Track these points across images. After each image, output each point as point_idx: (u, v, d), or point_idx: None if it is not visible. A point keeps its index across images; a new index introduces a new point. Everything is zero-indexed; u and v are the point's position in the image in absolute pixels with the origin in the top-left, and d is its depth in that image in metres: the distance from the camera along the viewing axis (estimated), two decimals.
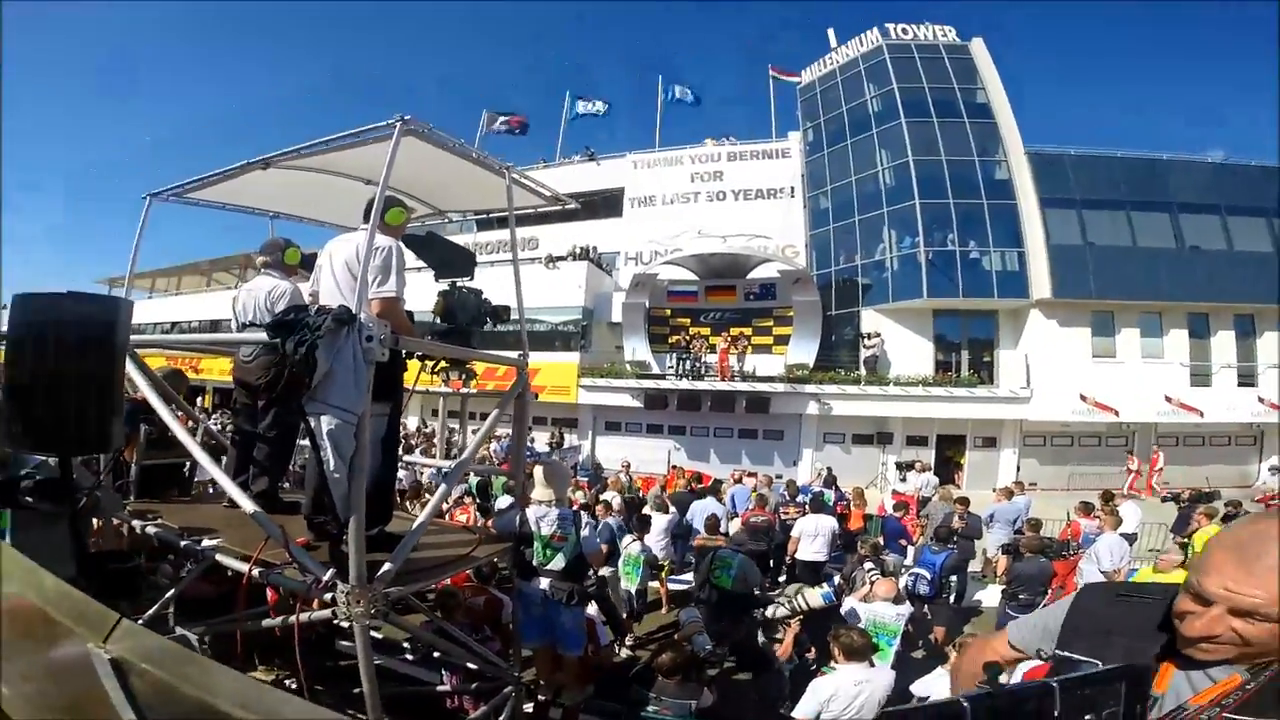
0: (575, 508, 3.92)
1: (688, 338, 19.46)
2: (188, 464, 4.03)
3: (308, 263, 3.35)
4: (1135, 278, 17.25)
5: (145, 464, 3.77)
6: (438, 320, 3.39)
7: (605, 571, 5.94)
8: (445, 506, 7.59)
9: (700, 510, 8.46)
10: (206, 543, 2.83)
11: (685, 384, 18.41)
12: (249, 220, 4.26)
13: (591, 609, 4.46)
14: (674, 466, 14.81)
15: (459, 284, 3.42)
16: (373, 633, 3.97)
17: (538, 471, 3.70)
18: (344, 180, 3.46)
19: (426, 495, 7.92)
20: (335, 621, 2.55)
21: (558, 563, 3.52)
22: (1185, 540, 8.62)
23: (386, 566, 2.51)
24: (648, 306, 20.51)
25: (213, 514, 3.34)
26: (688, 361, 18.79)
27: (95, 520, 3.25)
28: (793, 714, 3.47)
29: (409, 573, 2.82)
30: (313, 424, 2.25)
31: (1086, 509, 8.58)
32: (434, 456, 8.16)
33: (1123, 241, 17.75)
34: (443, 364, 3.58)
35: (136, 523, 3.12)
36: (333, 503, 2.36)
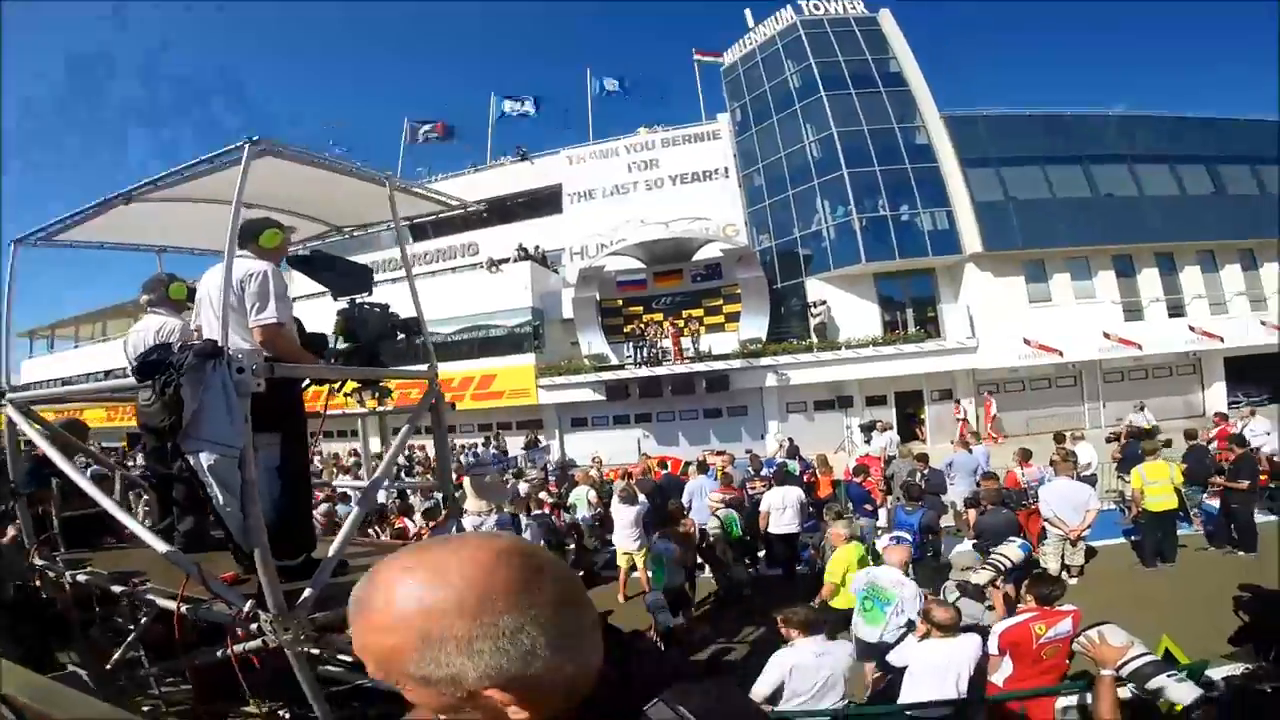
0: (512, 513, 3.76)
1: (641, 325, 19.62)
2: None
3: (195, 296, 3.16)
4: (1059, 226, 18.17)
5: (66, 516, 3.63)
6: (339, 340, 3.25)
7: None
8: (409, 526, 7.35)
9: (697, 489, 8.54)
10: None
11: (644, 371, 18.49)
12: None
13: None
14: (644, 455, 14.73)
15: (359, 300, 3.30)
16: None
17: (466, 483, 3.58)
18: (226, 206, 3.26)
19: (399, 518, 7.74)
20: (269, 648, 2.44)
21: None
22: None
23: (307, 592, 2.47)
24: (598, 299, 20.55)
25: (147, 557, 3.18)
26: (644, 349, 18.88)
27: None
28: (754, 688, 3.42)
29: (338, 596, 2.71)
30: (192, 461, 2.09)
31: (1024, 455, 8.66)
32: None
33: (1042, 194, 18.77)
34: (351, 384, 3.43)
35: (69, 573, 3.09)
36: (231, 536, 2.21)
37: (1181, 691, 2.22)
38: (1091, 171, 19.00)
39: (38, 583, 3.55)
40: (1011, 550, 4.91)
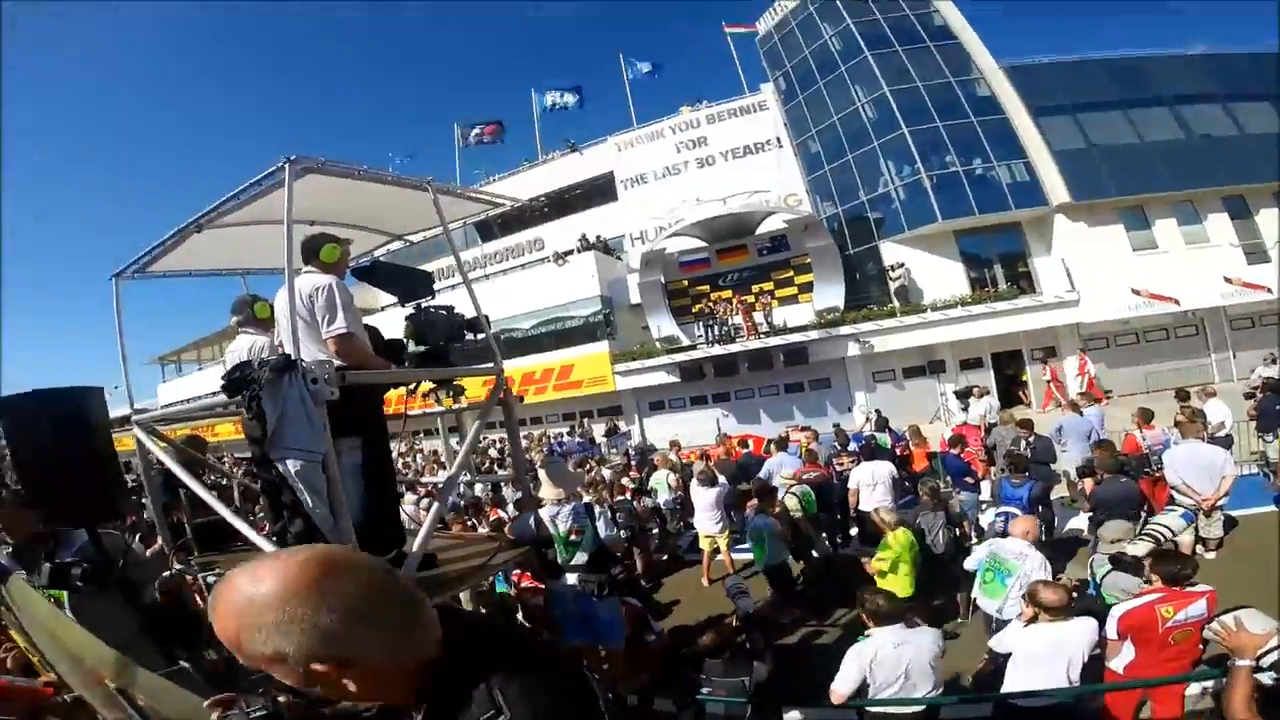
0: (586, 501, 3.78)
1: (710, 304, 19.41)
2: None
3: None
4: (1155, 170, 16.70)
5: (196, 523, 3.88)
6: (411, 345, 3.36)
7: None
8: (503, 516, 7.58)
9: (776, 467, 8.27)
10: None
11: (717, 350, 18.32)
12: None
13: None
14: (724, 435, 14.57)
15: (424, 305, 3.40)
16: None
17: (542, 474, 3.61)
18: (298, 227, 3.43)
19: (493, 510, 7.96)
20: None
21: (580, 558, 3.43)
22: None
23: None
24: (664, 282, 20.54)
25: None
26: (714, 328, 18.70)
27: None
28: (833, 686, 3.23)
29: (429, 589, 2.82)
30: (280, 469, 2.19)
31: (1145, 416, 7.62)
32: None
33: (1128, 139, 17.33)
34: (427, 386, 3.54)
35: (200, 575, 3.42)
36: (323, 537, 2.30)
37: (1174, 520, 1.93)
38: (1181, 113, 17.35)
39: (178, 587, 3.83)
40: (1173, 520, 4.46)
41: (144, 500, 5.23)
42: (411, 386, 3.42)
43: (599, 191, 23.44)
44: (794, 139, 21.19)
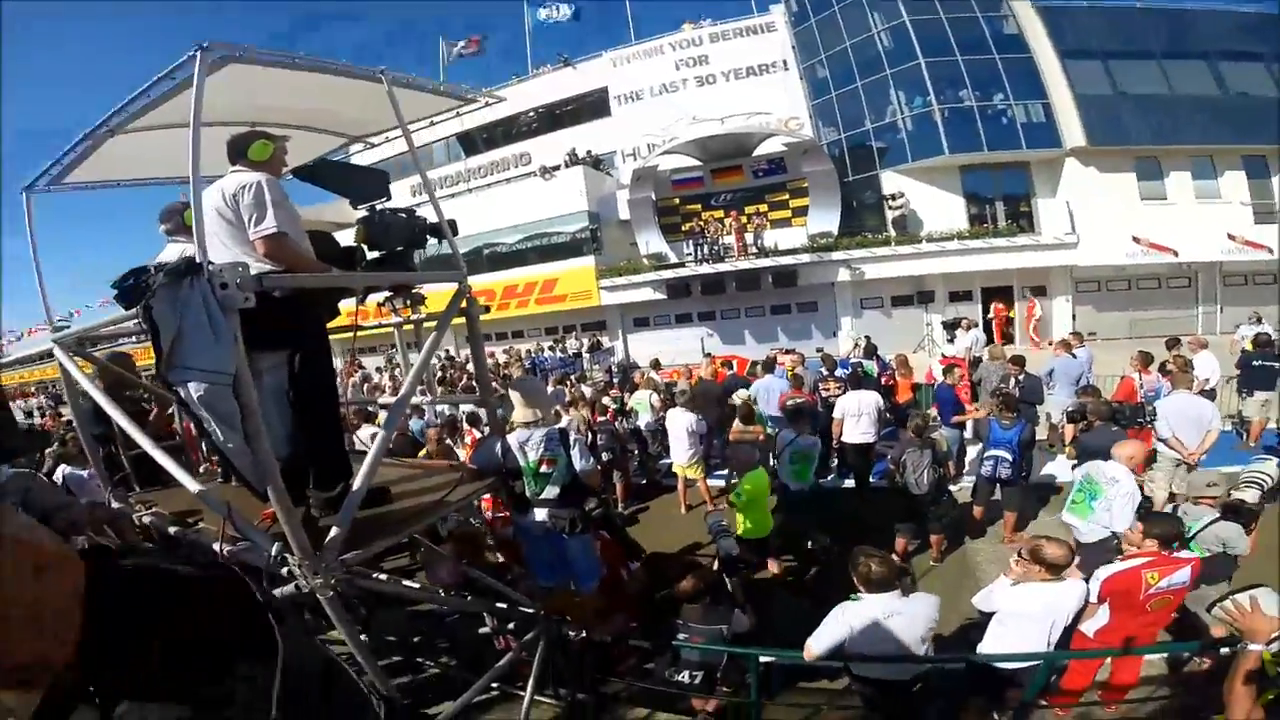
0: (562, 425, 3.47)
1: (701, 223, 18.95)
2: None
3: None
4: (1178, 123, 16.23)
5: (132, 454, 3.53)
6: (364, 249, 2.97)
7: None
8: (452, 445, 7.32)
9: (764, 390, 8.04)
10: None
11: (705, 269, 18.13)
12: None
13: None
14: (708, 355, 14.34)
15: (380, 207, 3.00)
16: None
17: (513, 393, 3.26)
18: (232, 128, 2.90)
19: (469, 429, 7.63)
20: (302, 592, 2.32)
21: (550, 491, 3.14)
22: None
23: (333, 532, 2.29)
24: (654, 199, 19.98)
25: (228, 494, 3.05)
26: (705, 246, 18.39)
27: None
28: (809, 642, 3.01)
29: (377, 529, 2.59)
30: (181, 394, 1.81)
31: (1145, 360, 7.31)
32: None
33: (1158, 90, 16.72)
34: (384, 294, 3.14)
35: (135, 514, 2.95)
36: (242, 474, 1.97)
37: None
38: (1220, 69, 16.62)
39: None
40: (1270, 466, 4.18)
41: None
42: (361, 295, 3.02)
43: (592, 107, 22.39)
44: (801, 62, 20.05)
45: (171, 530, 2.78)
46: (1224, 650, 2.65)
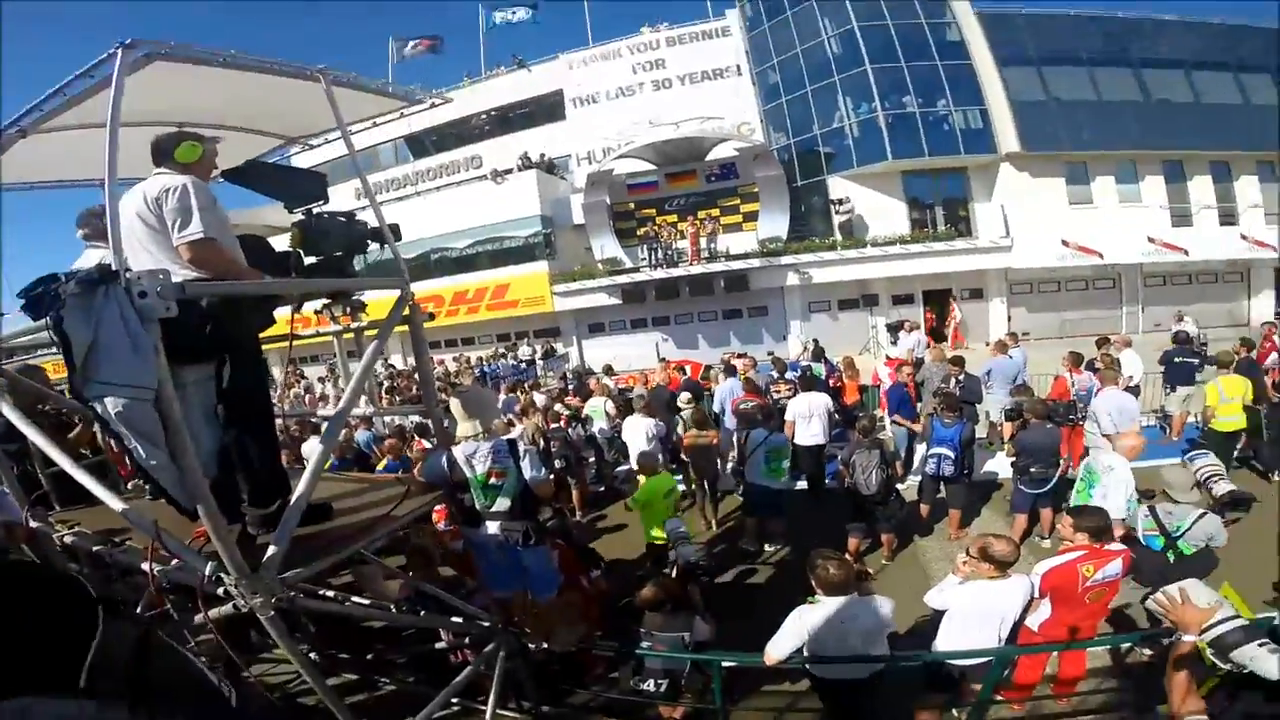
0: (510, 436, 3.41)
1: (655, 227, 19.07)
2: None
3: None
4: (1106, 129, 17.17)
5: (49, 471, 3.30)
6: (299, 254, 2.85)
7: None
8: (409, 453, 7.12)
9: (728, 393, 8.17)
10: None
11: (660, 274, 18.17)
12: None
13: None
14: (663, 360, 14.40)
15: (316, 211, 2.88)
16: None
17: (454, 404, 3.18)
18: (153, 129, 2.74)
19: (419, 440, 7.45)
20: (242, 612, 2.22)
21: (501, 504, 3.08)
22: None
23: (271, 550, 2.20)
24: (609, 203, 19.91)
25: (156, 511, 2.88)
26: (659, 251, 18.46)
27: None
28: (769, 647, 3.06)
29: (319, 546, 2.48)
30: (98, 409, 1.69)
31: (1075, 360, 7.62)
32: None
33: (1087, 96, 17.56)
34: (322, 301, 3.02)
35: (56, 534, 2.81)
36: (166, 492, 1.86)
37: (1274, 664, 1.81)
38: (1144, 76, 17.68)
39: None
40: (1212, 458, 4.25)
41: None
42: (297, 303, 2.90)
43: (546, 110, 22.16)
44: (754, 67, 20.35)
45: (95, 549, 2.61)
46: (1164, 641, 2.79)
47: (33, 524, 2.97)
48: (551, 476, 4.37)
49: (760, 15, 20.21)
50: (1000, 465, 7.49)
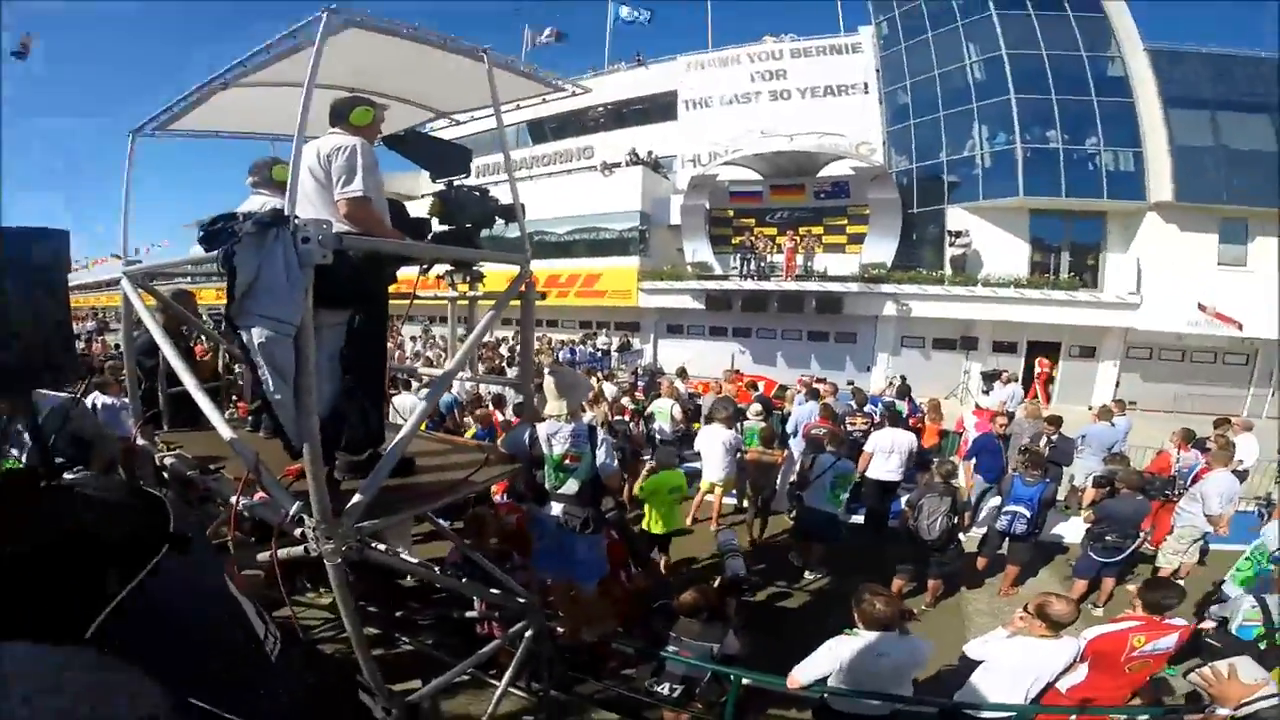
0: (593, 422, 3.49)
1: (752, 238, 18.72)
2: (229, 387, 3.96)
3: None
4: (1276, 184, 14.80)
5: (172, 392, 3.60)
6: (435, 222, 3.08)
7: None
8: (497, 417, 7.41)
9: (806, 416, 8.07)
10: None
11: (750, 284, 17.91)
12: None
13: None
14: (734, 370, 14.21)
15: (457, 183, 3.12)
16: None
17: (548, 382, 3.30)
18: (331, 91, 3.03)
19: (492, 412, 7.68)
20: (310, 556, 2.32)
21: (570, 486, 3.18)
22: None
23: (356, 499, 2.30)
24: (708, 208, 19.86)
25: (254, 441, 3.12)
26: (751, 261, 18.13)
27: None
28: (795, 671, 3.02)
29: (398, 500, 2.62)
30: (244, 338, 1.90)
31: (1186, 437, 7.32)
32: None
33: (1263, 145, 15.31)
34: (445, 267, 3.23)
35: (159, 454, 3.04)
36: (280, 426, 2.04)
37: None
38: None
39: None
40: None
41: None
42: (425, 266, 3.11)
43: (659, 109, 22.42)
44: (883, 86, 19.56)
45: (189, 474, 2.81)
46: (1189, 718, 2.67)
47: (139, 441, 3.27)
48: (621, 469, 4.47)
49: (898, 34, 19.42)
50: (1068, 530, 7.14)
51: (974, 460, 7.41)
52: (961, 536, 5.86)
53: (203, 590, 1.13)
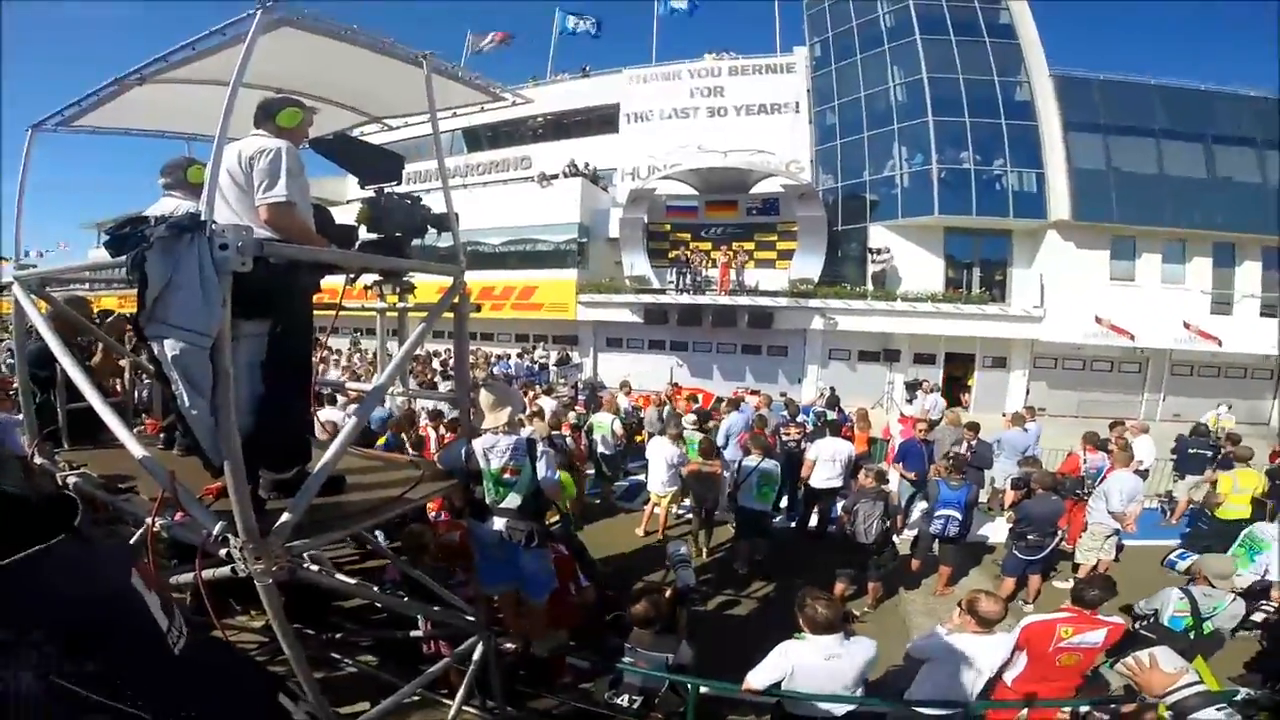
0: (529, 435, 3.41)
1: (688, 252, 19.07)
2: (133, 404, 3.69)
3: None
4: (1161, 204, 16.64)
5: (71, 408, 3.33)
6: (364, 230, 2.95)
7: None
8: (429, 436, 7.18)
9: (734, 427, 8.27)
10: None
11: (686, 299, 18.19)
12: None
13: None
14: (673, 384, 14.42)
15: (387, 190, 2.99)
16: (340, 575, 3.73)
17: (483, 395, 3.21)
18: (256, 91, 2.86)
19: (424, 428, 7.43)
20: (238, 576, 2.18)
21: (512, 500, 3.11)
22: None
23: (285, 517, 2.18)
24: (646, 221, 20.05)
25: (166, 459, 2.89)
26: (688, 276, 18.48)
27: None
28: (749, 677, 3.08)
29: (329, 519, 2.49)
30: (155, 350, 1.76)
31: (1093, 441, 7.92)
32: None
33: (1149, 169, 17.06)
34: (374, 277, 3.11)
35: (60, 474, 2.82)
36: (198, 442, 1.90)
37: None
38: (1214, 152, 17.09)
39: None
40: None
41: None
42: (353, 276, 2.98)
43: (600, 121, 22.55)
44: (813, 106, 20.46)
45: (96, 494, 2.59)
46: (1124, 707, 2.85)
47: (37, 460, 2.99)
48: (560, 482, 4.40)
49: (829, 56, 20.36)
50: (993, 530, 7.70)
51: (901, 464, 7.78)
52: (895, 539, 6.16)
53: (105, 583, 1.14)
